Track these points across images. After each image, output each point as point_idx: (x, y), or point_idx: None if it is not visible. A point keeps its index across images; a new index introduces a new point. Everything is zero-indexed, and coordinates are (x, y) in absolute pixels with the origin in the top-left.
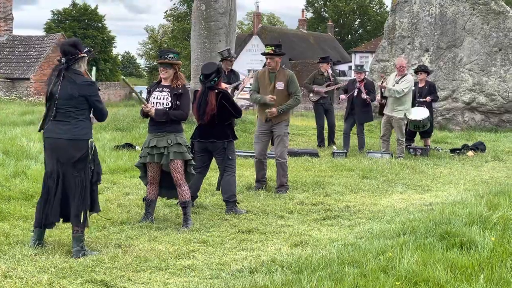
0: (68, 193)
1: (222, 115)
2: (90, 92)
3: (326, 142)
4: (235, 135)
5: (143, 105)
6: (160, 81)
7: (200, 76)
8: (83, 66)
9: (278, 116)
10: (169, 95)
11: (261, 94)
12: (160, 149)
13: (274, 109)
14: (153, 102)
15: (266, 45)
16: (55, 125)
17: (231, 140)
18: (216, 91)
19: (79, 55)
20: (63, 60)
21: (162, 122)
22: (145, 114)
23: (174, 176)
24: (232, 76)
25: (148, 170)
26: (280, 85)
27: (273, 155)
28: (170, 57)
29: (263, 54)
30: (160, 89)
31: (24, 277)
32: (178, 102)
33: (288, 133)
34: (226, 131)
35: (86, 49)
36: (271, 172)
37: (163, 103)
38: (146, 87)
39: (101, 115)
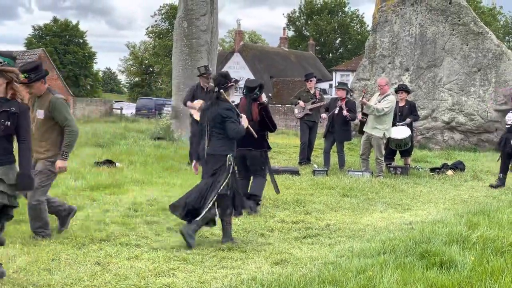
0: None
1: (261, 125)
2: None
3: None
4: (270, 146)
5: None
6: None
7: (244, 89)
8: (231, 94)
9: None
10: None
11: None
12: None
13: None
14: None
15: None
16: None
17: (266, 150)
18: (258, 103)
19: (229, 85)
20: (216, 89)
21: None
22: None
23: None
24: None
25: None
26: (40, 114)
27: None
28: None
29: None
30: None
31: None
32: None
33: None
34: (262, 141)
35: (233, 80)
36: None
37: None
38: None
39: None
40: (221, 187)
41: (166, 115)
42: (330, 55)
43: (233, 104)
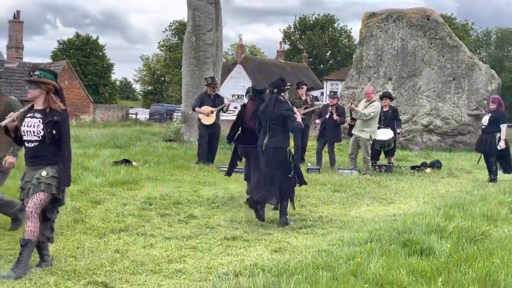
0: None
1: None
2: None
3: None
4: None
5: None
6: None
7: (252, 91)
8: (286, 95)
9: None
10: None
11: None
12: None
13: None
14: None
15: None
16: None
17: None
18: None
19: (285, 87)
20: (275, 90)
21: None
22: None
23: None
24: (217, 100)
25: None
26: None
27: (241, 170)
28: (35, 75)
29: None
30: (33, 114)
31: (33, 279)
32: (53, 131)
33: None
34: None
35: (288, 84)
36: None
37: (37, 130)
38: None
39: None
40: (291, 174)
41: (176, 120)
42: (322, 66)
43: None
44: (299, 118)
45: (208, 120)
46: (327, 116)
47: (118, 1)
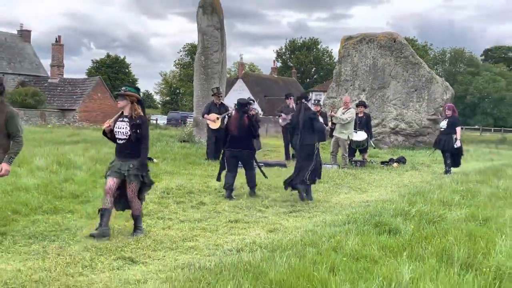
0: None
1: (248, 132)
2: (315, 117)
3: (291, 155)
4: (255, 148)
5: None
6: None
7: (236, 104)
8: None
9: None
10: (129, 124)
11: None
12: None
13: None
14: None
15: None
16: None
17: (252, 151)
18: (247, 115)
19: (308, 99)
20: (301, 101)
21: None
22: (110, 136)
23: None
24: (222, 108)
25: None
26: None
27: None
28: (124, 89)
29: None
30: (123, 119)
31: (73, 255)
32: (137, 131)
33: None
34: (250, 143)
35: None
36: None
37: (125, 131)
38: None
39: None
40: (317, 163)
41: (189, 124)
42: (308, 80)
43: (227, 114)
44: (282, 122)
45: (214, 125)
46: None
47: (141, 27)
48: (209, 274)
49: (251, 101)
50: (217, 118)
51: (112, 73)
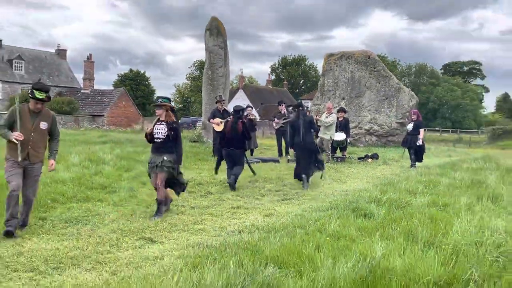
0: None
1: (242, 134)
2: (313, 122)
3: (283, 153)
4: (246, 148)
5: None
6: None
7: (232, 112)
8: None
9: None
10: (166, 128)
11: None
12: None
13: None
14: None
15: (39, 89)
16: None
17: (243, 150)
18: (241, 120)
19: (304, 107)
20: (298, 108)
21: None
22: (149, 139)
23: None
24: (225, 114)
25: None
26: (43, 125)
27: (254, 160)
28: (160, 100)
29: (37, 99)
30: (160, 123)
31: (101, 236)
32: (172, 133)
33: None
34: (242, 144)
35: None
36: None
37: (162, 133)
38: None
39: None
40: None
41: (198, 127)
42: (297, 90)
43: (229, 119)
44: (276, 126)
45: (218, 128)
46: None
47: (158, 47)
48: (215, 251)
49: (250, 107)
50: (221, 122)
51: (134, 85)
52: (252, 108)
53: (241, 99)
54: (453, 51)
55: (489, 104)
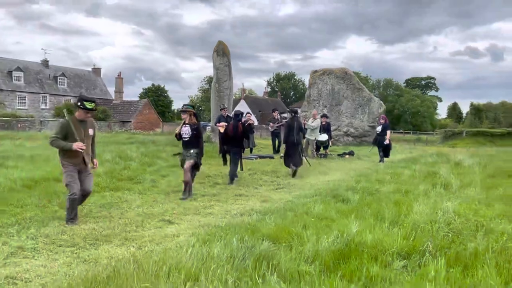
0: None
1: (242, 135)
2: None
3: (278, 151)
4: (243, 146)
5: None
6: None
7: (232, 115)
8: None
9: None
10: (190, 129)
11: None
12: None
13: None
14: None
15: (88, 101)
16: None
17: (242, 148)
18: (241, 122)
19: (298, 113)
20: (294, 114)
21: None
22: (178, 137)
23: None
24: (228, 119)
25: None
26: (91, 132)
27: (253, 156)
28: (185, 107)
29: (88, 109)
30: (186, 125)
31: (129, 218)
32: (195, 133)
33: None
34: (240, 143)
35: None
36: (254, 165)
37: (187, 133)
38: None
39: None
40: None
41: (208, 130)
42: (288, 100)
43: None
44: (271, 129)
45: (222, 130)
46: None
47: (175, 65)
48: (221, 230)
49: (249, 113)
50: (225, 125)
51: (156, 96)
52: (251, 114)
53: (242, 108)
54: (413, 69)
55: (441, 111)
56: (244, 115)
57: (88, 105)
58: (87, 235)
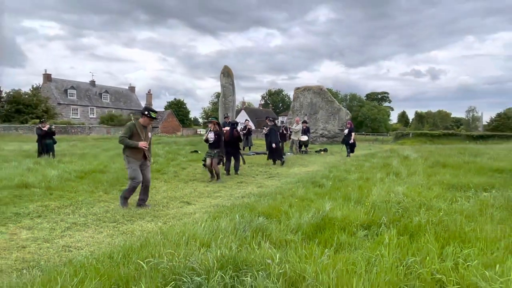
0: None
1: (236, 139)
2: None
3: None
4: (239, 147)
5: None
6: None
7: (229, 123)
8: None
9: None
10: (214, 134)
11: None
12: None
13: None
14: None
15: (153, 111)
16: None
17: (238, 148)
18: (235, 130)
19: (274, 121)
20: (275, 121)
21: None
22: (206, 141)
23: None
24: (230, 125)
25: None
26: (150, 135)
27: (251, 153)
28: (211, 119)
29: (152, 117)
30: (211, 132)
31: (157, 200)
32: (217, 137)
33: None
34: (237, 145)
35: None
36: (254, 159)
37: (212, 138)
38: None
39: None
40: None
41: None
42: (278, 110)
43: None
44: (264, 132)
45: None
46: (280, 131)
47: (192, 84)
48: (227, 209)
49: (247, 120)
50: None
51: (177, 108)
52: (249, 121)
53: (243, 116)
54: (372, 86)
55: (393, 118)
56: (239, 123)
57: (153, 114)
58: (125, 213)
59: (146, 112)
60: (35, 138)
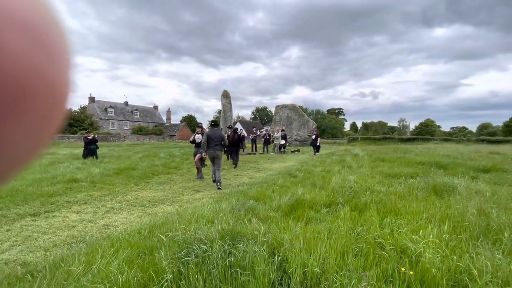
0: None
1: (237, 141)
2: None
3: (256, 150)
4: (239, 149)
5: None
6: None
7: (232, 129)
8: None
9: None
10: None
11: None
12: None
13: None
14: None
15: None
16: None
17: (238, 150)
18: (236, 133)
19: (259, 131)
20: (236, 130)
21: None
22: (193, 142)
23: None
24: (232, 131)
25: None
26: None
27: (244, 154)
28: (199, 124)
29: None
30: (198, 134)
31: (175, 189)
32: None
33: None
34: (238, 145)
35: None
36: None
37: (199, 139)
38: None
39: None
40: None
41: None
42: (263, 122)
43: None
44: (252, 136)
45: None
46: (266, 136)
47: (199, 104)
48: (227, 195)
49: (241, 129)
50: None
51: (189, 121)
52: (242, 130)
53: (238, 126)
54: (331, 103)
55: (347, 126)
56: (239, 130)
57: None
58: (150, 199)
59: (212, 123)
60: (82, 144)
